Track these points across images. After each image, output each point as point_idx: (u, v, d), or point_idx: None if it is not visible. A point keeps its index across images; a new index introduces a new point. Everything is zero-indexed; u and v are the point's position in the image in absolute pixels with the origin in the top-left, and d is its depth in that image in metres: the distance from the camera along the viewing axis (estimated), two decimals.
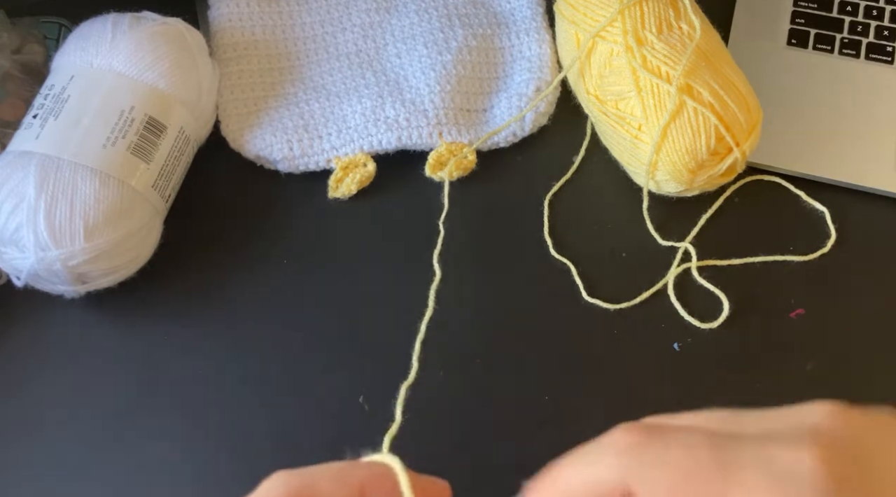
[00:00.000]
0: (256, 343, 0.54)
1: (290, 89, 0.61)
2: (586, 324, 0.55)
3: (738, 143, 0.53)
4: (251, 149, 0.59)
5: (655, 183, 0.56)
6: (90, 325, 0.55)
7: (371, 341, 0.54)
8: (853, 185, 0.59)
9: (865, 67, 0.63)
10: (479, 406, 0.52)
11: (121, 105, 0.53)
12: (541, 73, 0.61)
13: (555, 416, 0.52)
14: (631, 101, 0.54)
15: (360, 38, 0.63)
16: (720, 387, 0.53)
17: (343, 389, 0.53)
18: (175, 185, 0.56)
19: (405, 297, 0.56)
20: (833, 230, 0.58)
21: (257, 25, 0.62)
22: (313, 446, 0.51)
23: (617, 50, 0.55)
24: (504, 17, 0.64)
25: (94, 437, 0.51)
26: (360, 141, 0.59)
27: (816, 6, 0.65)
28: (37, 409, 0.52)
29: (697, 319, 0.55)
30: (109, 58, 0.54)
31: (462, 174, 0.59)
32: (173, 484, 0.50)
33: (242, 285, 0.56)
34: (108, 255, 0.51)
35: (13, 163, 0.51)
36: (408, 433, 0.54)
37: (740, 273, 0.56)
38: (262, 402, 0.52)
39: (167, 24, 0.56)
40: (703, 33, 0.55)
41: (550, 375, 0.53)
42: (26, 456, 0.51)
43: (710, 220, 0.58)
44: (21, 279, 0.51)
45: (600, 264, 0.57)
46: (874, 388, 0.53)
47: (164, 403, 0.52)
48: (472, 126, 0.60)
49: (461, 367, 0.53)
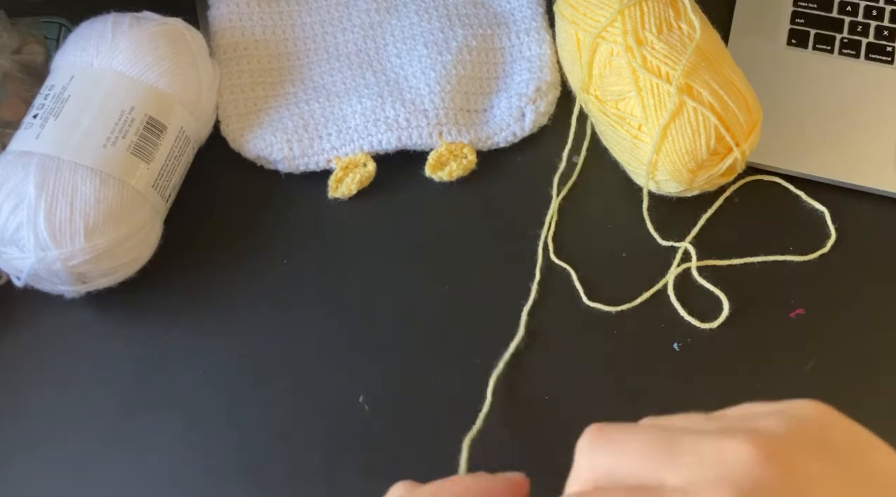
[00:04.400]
0: (256, 343, 0.54)
1: (290, 89, 0.61)
2: (586, 323, 0.55)
3: (738, 143, 0.53)
4: (251, 149, 0.59)
5: (655, 183, 0.56)
6: (90, 325, 0.55)
7: (371, 341, 0.54)
8: (853, 185, 0.59)
9: (865, 67, 0.63)
10: (476, 405, 0.52)
11: (121, 105, 0.53)
12: (541, 74, 0.61)
13: (554, 416, 0.52)
14: (631, 101, 0.54)
15: (360, 38, 0.63)
16: (720, 387, 0.53)
17: (343, 389, 0.53)
18: (175, 185, 0.56)
19: (405, 297, 0.56)
20: (833, 230, 0.58)
21: (257, 25, 0.62)
22: (313, 446, 0.51)
23: (617, 50, 0.55)
24: (504, 17, 0.64)
25: (94, 437, 0.51)
26: (360, 141, 0.59)
27: (816, 6, 0.65)
28: (37, 408, 0.52)
29: (697, 319, 0.55)
30: (109, 58, 0.54)
31: (462, 174, 0.59)
32: (173, 483, 0.50)
33: (242, 285, 0.56)
34: (108, 255, 0.51)
35: (13, 163, 0.51)
36: (413, 432, 0.54)
37: (740, 273, 0.56)
38: (262, 402, 0.52)
39: (167, 24, 0.56)
40: (702, 33, 0.55)
41: (550, 375, 0.53)
42: (26, 455, 0.51)
43: (710, 220, 0.58)
44: (21, 279, 0.51)
45: (600, 264, 0.57)
46: (874, 389, 0.54)
47: (164, 403, 0.52)
48: (472, 126, 0.60)
49: (460, 367, 0.53)
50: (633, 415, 0.52)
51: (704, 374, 0.54)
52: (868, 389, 0.53)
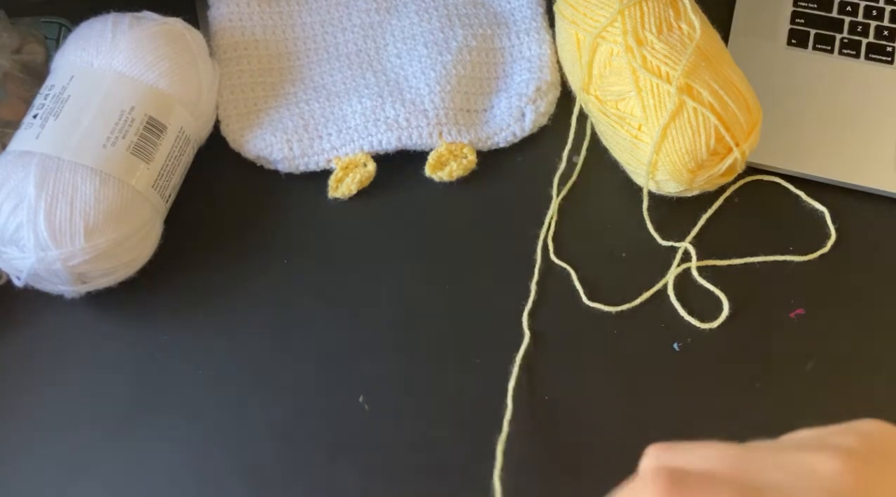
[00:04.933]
0: (256, 343, 0.54)
1: (290, 89, 0.61)
2: (586, 324, 0.55)
3: (738, 143, 0.53)
4: (251, 149, 0.59)
5: (655, 183, 0.56)
6: (90, 325, 0.55)
7: (371, 341, 0.54)
8: (853, 185, 0.59)
9: (865, 67, 0.63)
10: (476, 405, 0.52)
11: (121, 105, 0.53)
12: (541, 74, 0.61)
13: (554, 416, 0.52)
14: (631, 101, 0.54)
15: (360, 38, 0.63)
16: (720, 387, 0.53)
17: (343, 389, 0.53)
18: (175, 185, 0.56)
19: (405, 297, 0.56)
20: (833, 230, 0.58)
21: (257, 25, 0.63)
22: (313, 446, 0.51)
23: (617, 50, 0.55)
24: (504, 18, 0.64)
25: (94, 437, 0.51)
26: (360, 141, 0.59)
27: (816, 6, 0.65)
28: (37, 408, 0.52)
29: (697, 319, 0.55)
30: (109, 58, 0.54)
31: (462, 174, 0.59)
32: (173, 483, 0.50)
33: (242, 285, 0.56)
34: (108, 255, 0.51)
35: (13, 163, 0.51)
36: (413, 432, 0.53)
37: (740, 273, 0.56)
38: (262, 402, 0.52)
39: (167, 24, 0.56)
40: (702, 33, 0.55)
41: (550, 375, 0.53)
42: (27, 455, 0.51)
43: (710, 220, 0.58)
44: (21, 279, 0.51)
45: (600, 264, 0.57)
46: (874, 389, 0.54)
47: (164, 403, 0.52)
48: (472, 126, 0.60)
49: (460, 366, 0.53)
50: (633, 415, 0.53)
51: (704, 374, 0.54)
52: (868, 389, 0.53)
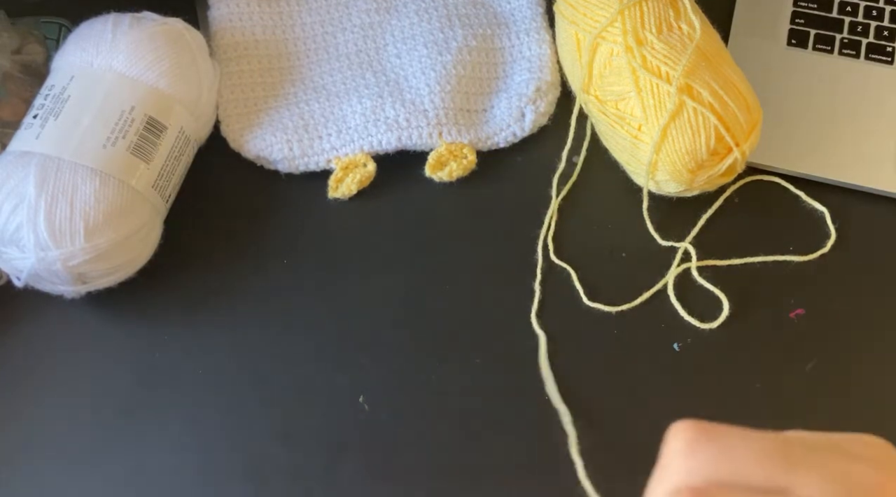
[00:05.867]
0: (256, 343, 0.54)
1: (290, 89, 0.61)
2: (586, 324, 0.55)
3: (738, 143, 0.53)
4: (251, 149, 0.59)
5: (655, 183, 0.56)
6: (90, 325, 0.55)
7: (371, 341, 0.54)
8: (853, 185, 0.59)
9: (865, 67, 0.63)
10: (476, 405, 0.52)
11: (121, 105, 0.53)
12: (541, 74, 0.61)
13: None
14: (631, 101, 0.54)
15: (360, 39, 0.63)
16: (720, 387, 0.53)
17: (343, 389, 0.53)
18: (175, 185, 0.56)
19: (405, 297, 0.56)
20: (833, 230, 0.58)
21: (257, 25, 0.63)
22: (313, 446, 0.51)
23: (617, 50, 0.55)
24: (504, 18, 0.64)
25: (94, 437, 0.52)
26: (360, 141, 0.59)
27: (816, 6, 0.65)
28: (37, 408, 0.52)
29: (697, 319, 0.55)
30: (109, 58, 0.54)
31: (462, 174, 0.59)
32: (173, 483, 0.50)
33: (242, 285, 0.56)
34: (108, 255, 0.51)
35: (13, 163, 0.51)
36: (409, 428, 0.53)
37: (740, 273, 0.56)
38: (262, 402, 0.52)
39: (167, 24, 0.56)
40: (702, 33, 0.55)
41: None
42: (27, 455, 0.51)
43: (710, 220, 0.58)
44: (21, 279, 0.51)
45: (600, 264, 0.57)
46: (874, 389, 0.54)
47: (164, 403, 0.52)
48: (472, 126, 0.60)
49: (460, 366, 0.53)
50: (633, 415, 0.53)
51: (704, 374, 0.54)
52: (868, 389, 0.53)
